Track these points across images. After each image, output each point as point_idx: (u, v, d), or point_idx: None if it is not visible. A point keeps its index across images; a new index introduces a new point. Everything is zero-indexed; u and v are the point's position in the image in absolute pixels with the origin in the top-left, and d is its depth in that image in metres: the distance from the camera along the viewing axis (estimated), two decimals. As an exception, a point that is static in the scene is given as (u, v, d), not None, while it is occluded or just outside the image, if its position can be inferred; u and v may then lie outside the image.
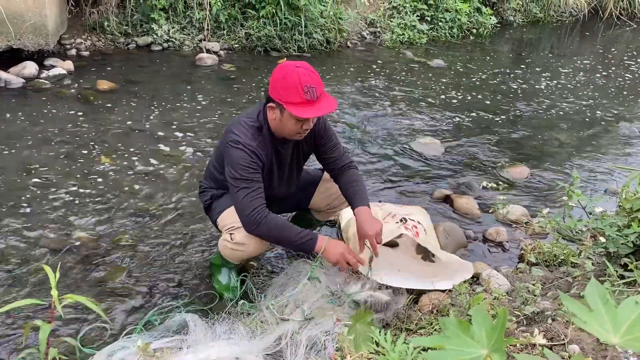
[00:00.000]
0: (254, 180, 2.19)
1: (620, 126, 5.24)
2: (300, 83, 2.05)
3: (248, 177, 2.18)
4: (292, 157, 2.44)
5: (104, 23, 5.98)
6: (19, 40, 5.00)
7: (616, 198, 3.40)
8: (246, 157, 2.18)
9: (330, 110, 2.11)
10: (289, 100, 2.07)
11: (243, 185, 2.17)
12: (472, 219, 3.44)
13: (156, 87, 5.13)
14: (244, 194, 2.17)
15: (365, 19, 7.63)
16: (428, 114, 5.16)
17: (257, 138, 2.24)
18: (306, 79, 2.06)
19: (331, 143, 2.46)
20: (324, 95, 2.12)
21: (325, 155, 2.47)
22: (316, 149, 2.48)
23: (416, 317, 2.29)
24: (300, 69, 2.08)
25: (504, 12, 8.99)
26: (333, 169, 2.49)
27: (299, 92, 2.05)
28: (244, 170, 2.17)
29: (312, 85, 2.06)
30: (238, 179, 2.18)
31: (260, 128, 2.26)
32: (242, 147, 2.18)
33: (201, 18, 6.26)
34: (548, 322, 2.01)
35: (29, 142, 3.88)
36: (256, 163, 2.20)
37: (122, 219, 3.12)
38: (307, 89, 2.05)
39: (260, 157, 2.22)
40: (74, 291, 2.53)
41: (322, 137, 2.43)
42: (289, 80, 2.06)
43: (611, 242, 2.33)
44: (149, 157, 3.82)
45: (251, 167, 2.18)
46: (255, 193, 2.18)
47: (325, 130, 2.43)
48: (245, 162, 2.17)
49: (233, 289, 2.48)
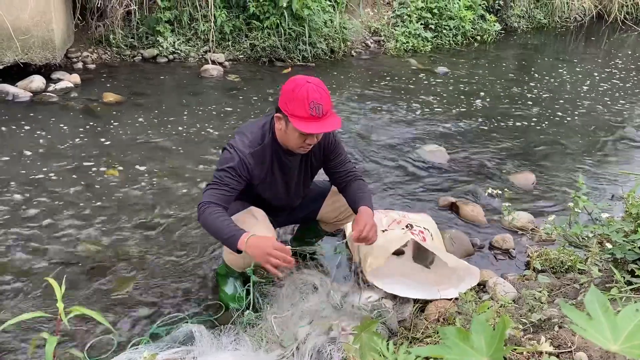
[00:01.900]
0: (224, 183, 2.22)
1: (627, 131, 5.21)
2: (308, 98, 2.06)
3: (222, 180, 2.21)
4: (299, 169, 2.45)
5: (110, 36, 6.05)
6: (27, 55, 5.06)
7: (622, 203, 3.37)
8: (230, 162, 2.22)
9: (332, 129, 2.12)
10: (294, 114, 2.09)
11: (212, 186, 2.22)
12: (478, 226, 3.43)
13: (162, 99, 5.17)
14: (208, 191, 2.22)
15: (370, 28, 7.67)
16: (433, 121, 5.16)
17: (254, 146, 2.26)
18: (315, 95, 2.07)
19: (340, 158, 2.48)
20: (329, 114, 2.14)
21: (334, 170, 2.49)
22: (325, 163, 2.49)
23: (422, 326, 2.29)
24: (311, 84, 2.10)
25: (508, 18, 8.99)
26: (341, 182, 2.50)
27: (305, 106, 2.06)
28: (223, 171, 2.22)
29: (319, 102, 2.08)
30: (215, 178, 2.24)
31: (263, 137, 2.28)
32: (231, 151, 2.24)
33: (206, 30, 6.32)
34: (555, 329, 2.00)
35: (36, 154, 3.92)
36: (237, 171, 2.22)
37: (128, 231, 3.13)
38: (314, 105, 2.06)
39: (247, 166, 2.24)
40: (81, 303, 2.54)
41: (332, 152, 2.45)
42: (297, 93, 2.08)
43: (618, 248, 2.32)
44: (155, 169, 3.85)
45: (230, 173, 2.21)
46: (216, 192, 2.20)
47: (335, 145, 2.45)
48: (227, 167, 2.22)
49: (239, 299, 2.48)
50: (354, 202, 2.42)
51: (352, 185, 2.47)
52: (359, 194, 2.42)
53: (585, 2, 9.60)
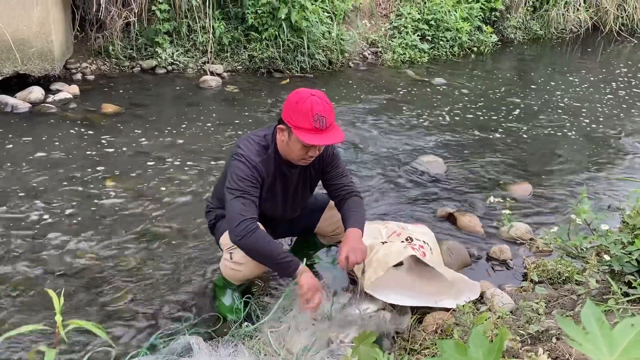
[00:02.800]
0: (250, 193, 2.21)
1: (623, 142, 5.24)
2: (312, 110, 2.09)
3: (244, 189, 2.20)
4: (299, 181, 2.46)
5: (109, 47, 6.07)
6: (26, 66, 5.08)
7: (619, 215, 3.39)
8: (246, 170, 2.22)
9: (335, 141, 2.15)
10: (298, 125, 2.11)
11: (237, 195, 2.20)
12: (476, 237, 3.44)
13: (161, 110, 5.19)
14: (236, 203, 2.19)
15: (367, 39, 7.71)
16: (430, 132, 5.18)
17: (261, 155, 2.28)
18: (318, 107, 2.10)
19: (338, 170, 2.48)
20: (333, 126, 2.16)
21: (331, 182, 2.49)
22: (323, 176, 2.50)
23: (420, 337, 2.29)
24: (315, 97, 2.12)
25: (504, 30, 9.05)
26: (337, 196, 2.50)
27: (309, 118, 2.08)
28: (241, 181, 2.20)
29: (322, 115, 2.10)
30: (234, 189, 2.21)
31: (266, 147, 2.30)
32: (244, 160, 2.23)
33: (205, 41, 6.35)
34: (553, 341, 2.00)
35: (35, 165, 3.92)
36: (255, 177, 2.23)
37: (127, 242, 3.13)
38: (318, 117, 2.09)
39: (260, 172, 2.25)
40: (79, 314, 2.54)
41: (330, 164, 2.46)
42: (301, 105, 2.10)
43: (615, 259, 2.32)
44: (154, 180, 3.85)
45: (249, 180, 2.21)
46: (248, 205, 2.19)
47: (333, 157, 2.46)
48: (244, 174, 2.21)
49: (236, 311, 2.48)
50: (346, 220, 2.41)
51: (347, 201, 2.46)
52: (351, 212, 2.41)
53: (581, 13, 9.68)
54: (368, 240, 2.69)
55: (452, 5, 8.05)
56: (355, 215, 2.39)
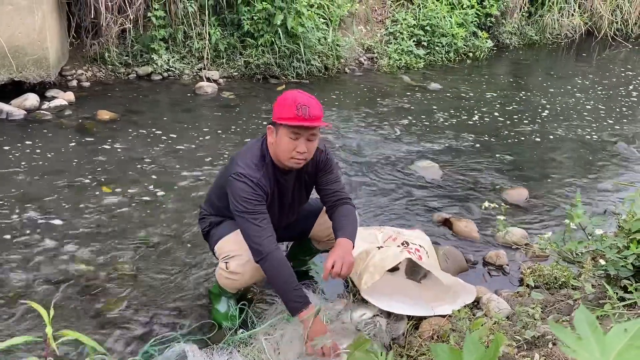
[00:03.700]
0: (259, 212, 2.21)
1: (619, 147, 5.26)
2: (295, 101, 2.14)
3: (253, 210, 2.19)
4: (294, 188, 2.45)
5: (105, 54, 6.07)
6: (21, 73, 5.07)
7: (615, 219, 3.39)
8: (249, 190, 2.20)
9: (317, 124, 2.15)
10: (282, 116, 2.15)
11: (249, 218, 2.19)
12: (472, 242, 3.44)
13: (156, 116, 5.18)
14: (251, 226, 2.18)
15: (363, 45, 7.73)
16: (426, 137, 5.19)
17: (261, 169, 2.27)
18: (302, 99, 2.15)
19: (332, 175, 2.46)
20: (317, 118, 2.16)
21: (324, 187, 2.47)
22: (316, 180, 2.49)
23: (417, 343, 2.28)
24: (300, 92, 2.20)
25: (500, 35, 9.09)
26: (329, 201, 2.47)
27: (292, 108, 2.12)
28: (247, 202, 2.19)
29: (305, 104, 2.13)
30: (243, 211, 2.20)
31: (263, 157, 2.30)
32: (245, 180, 2.20)
33: (200, 47, 6.35)
34: (549, 346, 1.99)
35: (29, 172, 3.91)
36: (260, 195, 2.22)
37: (122, 249, 3.12)
38: (300, 106, 2.12)
39: (264, 188, 2.24)
40: (73, 322, 2.52)
41: (323, 168, 2.45)
42: (285, 100, 2.18)
43: (611, 264, 2.32)
44: (149, 187, 3.84)
45: (255, 200, 2.20)
46: (262, 225, 2.19)
47: (327, 161, 2.45)
48: (248, 195, 2.19)
49: (232, 318, 2.47)
50: (337, 229, 2.37)
51: (339, 209, 2.44)
52: (343, 221, 2.38)
53: (575, 19, 9.73)
54: (364, 245, 2.69)
55: (447, 11, 8.09)
56: (347, 226, 2.35)
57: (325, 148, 2.46)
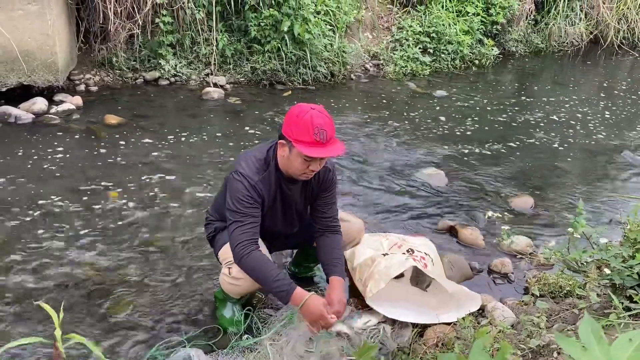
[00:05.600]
0: (249, 215, 2.22)
1: (624, 155, 5.25)
2: (313, 124, 2.09)
3: (243, 211, 2.21)
4: (299, 198, 2.46)
5: (113, 59, 6.11)
6: (30, 77, 5.12)
7: (620, 228, 3.38)
8: (244, 191, 2.22)
9: (336, 154, 2.16)
10: (299, 139, 2.11)
11: (237, 218, 2.21)
12: (477, 250, 3.44)
13: (163, 121, 5.21)
14: (235, 226, 2.21)
15: (369, 52, 7.75)
16: (432, 144, 5.20)
17: (261, 173, 2.28)
18: (319, 121, 2.11)
19: (331, 197, 2.49)
20: (333, 140, 2.16)
21: (322, 207, 2.48)
22: (317, 197, 2.49)
23: (421, 351, 2.28)
24: (315, 110, 2.13)
25: (505, 43, 9.09)
26: (323, 224, 2.49)
27: (310, 132, 2.09)
28: (240, 202, 2.21)
29: (323, 128, 2.10)
30: (234, 211, 2.22)
31: (267, 164, 2.30)
32: (242, 180, 2.23)
33: (208, 53, 6.39)
34: (554, 355, 1.99)
35: (37, 176, 3.94)
36: (254, 198, 2.23)
37: (128, 253, 3.14)
38: (318, 130, 2.09)
39: (259, 192, 2.25)
40: (79, 325, 2.54)
41: (327, 188, 2.46)
42: (301, 119, 2.11)
43: (616, 273, 2.32)
44: (156, 191, 3.86)
45: (248, 201, 2.22)
46: (247, 227, 2.21)
47: (331, 183, 2.46)
48: (243, 195, 2.21)
49: (237, 323, 2.48)
50: (327, 264, 2.42)
51: (330, 237, 2.47)
52: (335, 255, 2.42)
53: (581, 27, 9.73)
54: (369, 252, 2.70)
55: (452, 18, 8.10)
56: (338, 263, 2.41)
57: (333, 167, 2.47)
